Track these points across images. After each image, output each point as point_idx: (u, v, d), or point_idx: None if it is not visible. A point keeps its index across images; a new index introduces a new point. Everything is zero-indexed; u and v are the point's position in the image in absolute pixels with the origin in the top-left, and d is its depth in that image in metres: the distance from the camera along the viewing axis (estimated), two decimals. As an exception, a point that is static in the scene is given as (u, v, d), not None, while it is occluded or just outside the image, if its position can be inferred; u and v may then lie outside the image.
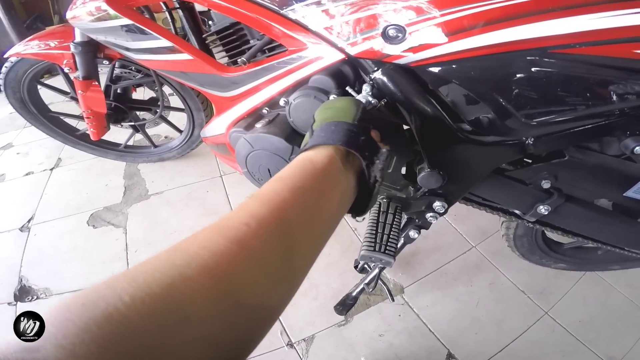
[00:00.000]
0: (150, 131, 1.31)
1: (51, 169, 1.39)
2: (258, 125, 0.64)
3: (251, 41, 0.62)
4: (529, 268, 1.05)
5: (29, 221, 1.19)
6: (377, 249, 0.53)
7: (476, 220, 1.21)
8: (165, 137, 1.50)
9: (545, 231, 0.90)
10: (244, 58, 0.57)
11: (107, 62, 0.93)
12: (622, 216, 0.67)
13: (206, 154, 1.45)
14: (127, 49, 0.67)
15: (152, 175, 1.34)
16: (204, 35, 0.68)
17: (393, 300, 0.93)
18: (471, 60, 0.45)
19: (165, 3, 0.68)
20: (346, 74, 0.54)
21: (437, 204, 0.62)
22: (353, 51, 0.48)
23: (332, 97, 0.53)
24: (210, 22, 0.66)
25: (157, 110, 1.13)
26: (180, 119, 1.30)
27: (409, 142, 0.54)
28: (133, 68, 1.03)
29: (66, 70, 0.92)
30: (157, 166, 1.38)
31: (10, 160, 1.49)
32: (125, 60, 0.99)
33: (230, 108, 0.69)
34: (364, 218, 0.79)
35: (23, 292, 1.00)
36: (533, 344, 0.93)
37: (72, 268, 1.04)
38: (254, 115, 0.68)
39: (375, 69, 0.49)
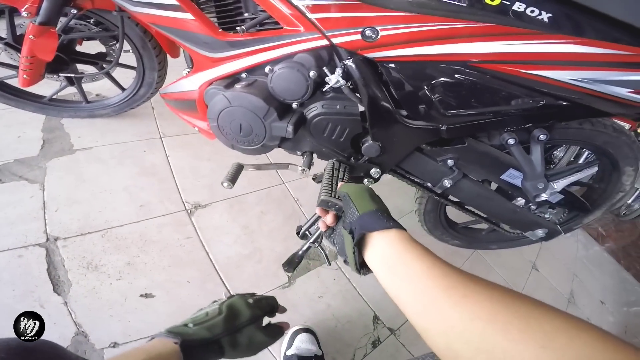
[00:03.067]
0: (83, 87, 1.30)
1: (-61, 117, 1.25)
2: (237, 86, 0.81)
3: (245, 14, 0.79)
4: (432, 245, 1.41)
5: None
6: (333, 195, 0.75)
7: (394, 201, 1.56)
8: (97, 95, 1.47)
9: (446, 210, 1.27)
10: (243, 27, 0.74)
11: (75, 12, 0.97)
12: (501, 196, 1.01)
13: (144, 115, 1.48)
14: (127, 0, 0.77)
15: (79, 130, 1.32)
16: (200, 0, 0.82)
17: (330, 264, 1.17)
18: (416, 63, 0.72)
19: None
20: (324, 57, 0.76)
21: (374, 171, 0.90)
22: (336, 41, 0.70)
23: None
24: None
25: (105, 66, 1.17)
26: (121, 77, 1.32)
27: (361, 119, 0.79)
28: (92, 21, 1.08)
29: (25, 14, 0.92)
30: (85, 122, 1.36)
31: None
32: (91, 12, 1.03)
33: (211, 68, 0.84)
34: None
35: None
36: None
37: (-29, 230, 0.97)
38: (233, 78, 0.84)
39: (349, 57, 0.72)
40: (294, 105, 0.82)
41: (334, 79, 0.74)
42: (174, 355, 0.53)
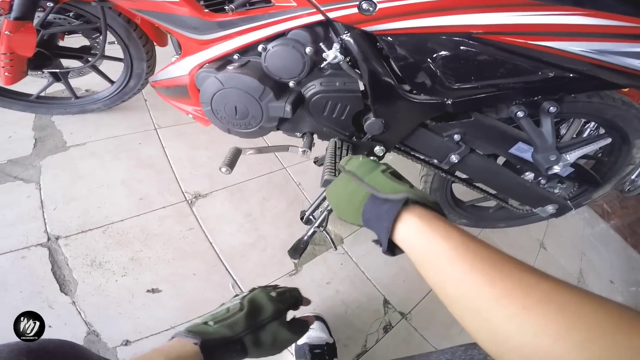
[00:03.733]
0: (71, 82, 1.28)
1: None
2: (229, 67, 0.79)
3: (234, -7, 0.77)
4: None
5: None
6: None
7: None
8: (87, 90, 1.45)
9: (453, 188, 1.25)
10: (232, 6, 0.72)
11: (52, 5, 0.95)
12: (509, 170, 1.00)
13: (137, 107, 1.47)
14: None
15: (71, 127, 1.31)
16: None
17: (336, 248, 1.17)
18: (418, 35, 0.69)
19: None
20: (320, 33, 0.74)
21: (377, 149, 0.88)
22: (332, 15, 0.68)
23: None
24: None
25: (90, 59, 1.15)
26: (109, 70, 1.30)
27: (362, 96, 0.77)
28: (71, 14, 1.05)
29: None
30: (77, 118, 1.34)
31: None
32: (69, 5, 1.00)
33: (200, 51, 0.82)
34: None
35: None
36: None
37: (-32, 234, 0.96)
38: (224, 60, 0.82)
39: (346, 32, 0.70)
40: (291, 84, 0.80)
41: (331, 54, 0.72)
42: (193, 357, 0.52)
